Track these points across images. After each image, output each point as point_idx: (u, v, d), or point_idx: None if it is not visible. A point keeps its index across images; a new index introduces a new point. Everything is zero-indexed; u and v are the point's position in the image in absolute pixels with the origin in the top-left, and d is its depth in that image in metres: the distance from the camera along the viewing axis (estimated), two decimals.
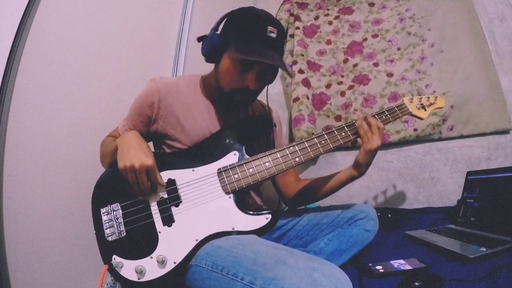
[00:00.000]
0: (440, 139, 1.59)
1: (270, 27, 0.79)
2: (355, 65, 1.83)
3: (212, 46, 0.82)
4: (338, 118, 1.78)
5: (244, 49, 0.76)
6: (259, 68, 0.80)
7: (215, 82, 0.87)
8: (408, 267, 0.81)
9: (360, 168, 0.89)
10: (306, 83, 1.83)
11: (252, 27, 0.79)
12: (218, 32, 0.83)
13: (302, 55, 1.89)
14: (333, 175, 0.95)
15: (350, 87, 1.80)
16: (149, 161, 0.73)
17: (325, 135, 0.86)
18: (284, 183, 1.03)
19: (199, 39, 0.89)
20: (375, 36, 1.85)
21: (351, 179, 0.92)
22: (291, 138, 1.79)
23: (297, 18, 2.02)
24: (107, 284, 0.93)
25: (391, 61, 1.76)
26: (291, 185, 1.02)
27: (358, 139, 0.89)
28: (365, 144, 0.86)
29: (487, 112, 1.51)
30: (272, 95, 1.94)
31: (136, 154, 0.73)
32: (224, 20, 0.84)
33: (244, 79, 0.80)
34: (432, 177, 1.59)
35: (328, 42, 1.94)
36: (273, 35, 0.79)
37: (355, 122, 0.88)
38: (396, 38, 1.80)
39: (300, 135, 1.72)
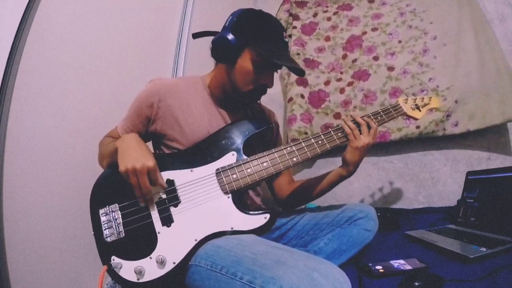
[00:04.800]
0: (444, 136, 1.55)
1: (284, 32, 0.85)
2: (354, 60, 1.79)
3: (229, 46, 0.82)
4: (337, 115, 1.75)
5: (273, 53, 0.80)
6: (276, 69, 0.87)
7: (228, 83, 0.87)
8: (408, 267, 0.81)
9: (348, 166, 0.89)
10: (301, 81, 1.82)
11: (273, 32, 0.84)
12: (231, 32, 0.82)
13: (298, 54, 1.88)
14: (325, 175, 0.95)
15: (350, 84, 1.76)
16: (150, 162, 0.73)
17: (322, 135, 0.87)
18: (278, 185, 1.04)
19: (197, 34, 0.89)
20: (374, 29, 1.81)
21: (340, 178, 0.92)
22: (286, 139, 1.79)
23: (296, 17, 2.01)
24: (107, 284, 0.93)
25: (392, 54, 1.71)
26: (284, 186, 1.03)
27: None
28: (351, 142, 0.87)
29: (496, 102, 1.44)
30: (272, 95, 1.94)
31: (137, 156, 0.73)
32: (238, 21, 0.83)
33: (260, 79, 0.84)
34: (432, 177, 1.59)
35: (327, 38, 1.92)
36: (286, 40, 0.85)
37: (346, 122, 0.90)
38: (397, 31, 1.75)
39: (291, 135, 1.71)
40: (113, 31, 1.20)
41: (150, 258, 0.70)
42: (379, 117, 0.94)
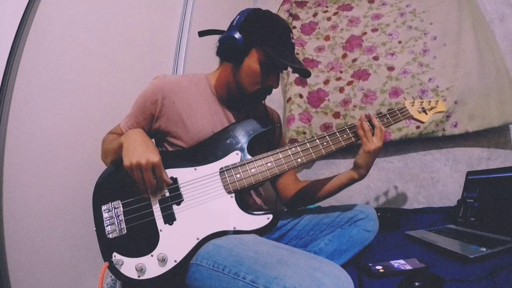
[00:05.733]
0: (443, 137, 1.55)
1: (290, 33, 0.85)
2: (354, 60, 1.79)
3: (236, 45, 0.81)
4: (336, 115, 1.75)
5: (281, 54, 0.80)
6: (282, 70, 0.87)
7: (233, 83, 0.86)
8: (408, 267, 0.81)
9: (360, 170, 0.89)
10: (300, 81, 1.82)
11: (280, 33, 0.84)
12: (239, 32, 0.82)
13: (298, 53, 1.88)
14: (333, 177, 0.95)
15: (349, 83, 1.76)
16: (155, 158, 0.73)
17: (326, 136, 0.86)
18: (283, 184, 1.03)
19: (204, 32, 0.89)
20: (375, 30, 1.82)
21: (351, 181, 0.91)
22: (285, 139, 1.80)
23: (296, 17, 2.02)
24: (107, 284, 0.93)
25: (392, 54, 1.72)
26: (289, 186, 1.02)
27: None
28: (364, 145, 0.86)
29: (495, 105, 1.44)
30: (272, 94, 1.93)
31: (143, 151, 0.73)
32: (245, 21, 0.83)
33: (267, 80, 0.85)
34: (432, 177, 1.59)
35: (327, 38, 1.92)
36: (293, 41, 0.86)
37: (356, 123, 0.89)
38: (397, 32, 1.75)
39: (290, 135, 1.72)
40: (113, 31, 1.20)
41: (152, 255, 0.70)
42: (385, 120, 0.93)
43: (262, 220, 0.75)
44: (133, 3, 1.31)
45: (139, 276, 0.68)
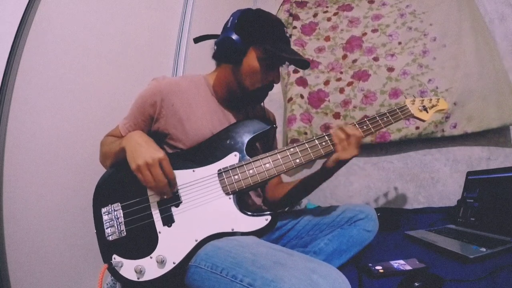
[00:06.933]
0: (443, 137, 1.56)
1: (284, 28, 0.87)
2: (354, 60, 1.80)
3: (234, 46, 0.82)
4: (336, 115, 1.76)
5: (278, 48, 0.82)
6: (281, 64, 0.88)
7: (234, 83, 0.87)
8: (408, 267, 0.81)
9: (327, 174, 0.87)
10: (301, 82, 1.82)
11: (275, 28, 0.85)
12: (235, 33, 0.82)
13: None
14: (307, 178, 0.94)
15: (349, 84, 1.77)
16: (160, 154, 0.73)
17: (325, 136, 0.85)
18: (267, 186, 1.03)
19: (198, 39, 0.89)
20: (375, 30, 1.82)
21: (319, 182, 0.92)
22: (286, 139, 1.80)
23: (296, 17, 2.02)
24: (107, 284, 0.93)
25: (392, 55, 1.72)
26: (271, 187, 1.03)
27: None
28: (339, 153, 0.82)
29: (493, 106, 1.45)
30: (272, 95, 1.94)
31: (146, 150, 0.73)
32: (239, 21, 0.83)
33: (268, 76, 0.86)
34: (432, 177, 1.59)
35: (327, 38, 1.93)
36: (287, 35, 0.87)
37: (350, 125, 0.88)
38: (397, 33, 1.76)
39: (290, 135, 1.72)
40: (113, 31, 1.20)
41: (151, 257, 0.70)
42: (385, 119, 0.91)
43: (260, 221, 0.75)
44: (133, 3, 1.31)
45: (138, 278, 0.68)
